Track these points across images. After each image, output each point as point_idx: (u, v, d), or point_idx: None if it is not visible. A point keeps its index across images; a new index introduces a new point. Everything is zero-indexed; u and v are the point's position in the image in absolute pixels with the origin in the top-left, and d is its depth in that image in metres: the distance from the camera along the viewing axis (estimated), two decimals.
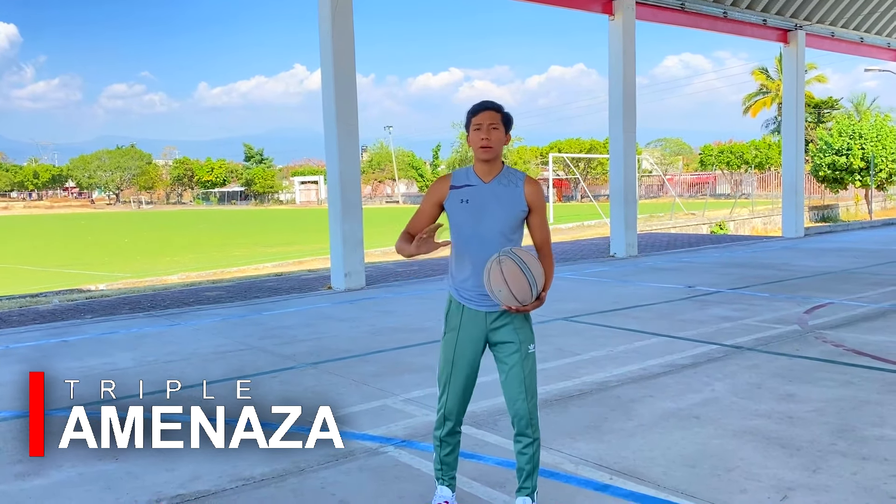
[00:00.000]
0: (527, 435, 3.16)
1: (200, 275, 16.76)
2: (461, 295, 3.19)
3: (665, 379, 5.53)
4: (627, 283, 10.92)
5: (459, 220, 3.14)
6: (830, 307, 8.29)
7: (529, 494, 3.21)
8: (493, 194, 3.12)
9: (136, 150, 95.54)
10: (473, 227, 3.12)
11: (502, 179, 3.15)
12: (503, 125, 3.13)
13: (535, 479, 3.23)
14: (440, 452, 3.31)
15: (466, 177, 3.18)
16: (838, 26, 19.35)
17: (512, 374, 3.15)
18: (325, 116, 11.09)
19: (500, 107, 3.15)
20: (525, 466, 3.20)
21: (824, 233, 19.93)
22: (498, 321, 3.15)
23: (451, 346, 3.22)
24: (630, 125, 14.66)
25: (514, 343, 3.15)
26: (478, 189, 3.13)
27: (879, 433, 4.24)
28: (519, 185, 3.14)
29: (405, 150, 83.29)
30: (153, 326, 8.48)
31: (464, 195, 3.13)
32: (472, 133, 3.13)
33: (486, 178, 3.15)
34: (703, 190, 52.13)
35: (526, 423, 3.15)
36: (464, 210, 3.12)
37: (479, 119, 3.11)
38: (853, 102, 53.91)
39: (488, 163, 3.14)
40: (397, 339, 7.27)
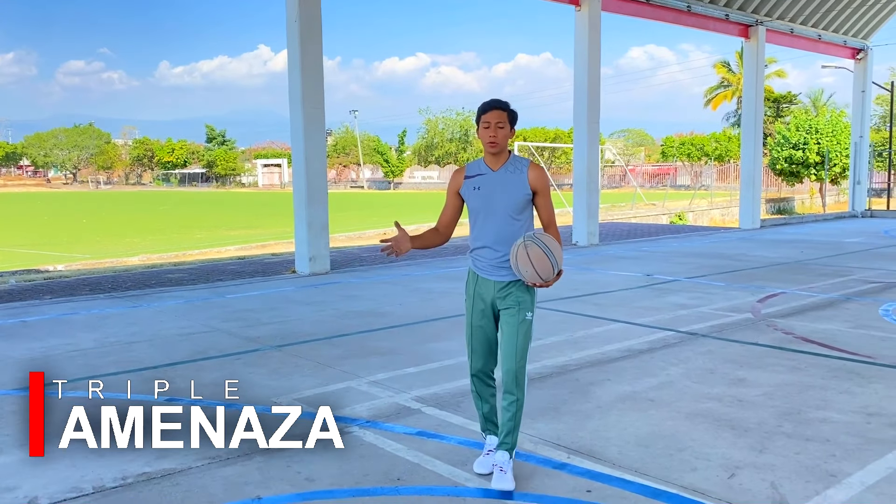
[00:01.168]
0: (512, 392, 3.50)
1: (162, 257, 16.58)
2: (476, 265, 3.65)
3: (622, 363, 5.71)
4: (588, 270, 11.12)
5: (474, 204, 3.60)
6: (783, 297, 8.57)
7: (508, 450, 3.54)
8: (500, 181, 3.56)
9: (94, 129, 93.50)
10: (485, 210, 3.56)
11: (509, 167, 3.58)
12: (509, 122, 3.55)
13: (514, 437, 3.54)
14: (481, 408, 3.72)
15: (478, 167, 3.62)
16: (797, 23, 19.79)
17: (507, 336, 3.53)
18: (290, 99, 11.04)
19: (506, 105, 3.56)
20: (507, 423, 3.53)
21: (779, 225, 20.45)
22: (504, 290, 3.56)
23: (469, 311, 3.67)
24: (594, 115, 14.85)
25: (514, 308, 3.54)
26: (487, 177, 3.58)
27: (823, 416, 4.45)
28: (523, 171, 3.57)
29: (370, 135, 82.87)
30: (115, 308, 8.42)
31: (476, 183, 3.59)
32: (481, 129, 3.55)
33: (494, 167, 3.59)
34: (664, 181, 52.92)
35: (512, 381, 3.49)
36: (477, 196, 3.58)
37: (488, 117, 3.52)
38: (811, 98, 55.07)
39: (495, 155, 3.57)
40: (363, 323, 7.34)
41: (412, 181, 75.46)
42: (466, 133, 73.88)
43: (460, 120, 74.63)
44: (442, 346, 6.25)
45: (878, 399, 4.76)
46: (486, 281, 3.59)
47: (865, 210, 23.06)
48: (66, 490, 3.54)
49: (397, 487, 3.53)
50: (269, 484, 3.58)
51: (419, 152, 77.59)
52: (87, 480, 3.64)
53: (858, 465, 3.72)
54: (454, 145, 74.03)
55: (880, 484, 3.50)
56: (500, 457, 3.53)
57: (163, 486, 3.57)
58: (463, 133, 74.06)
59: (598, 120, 15.02)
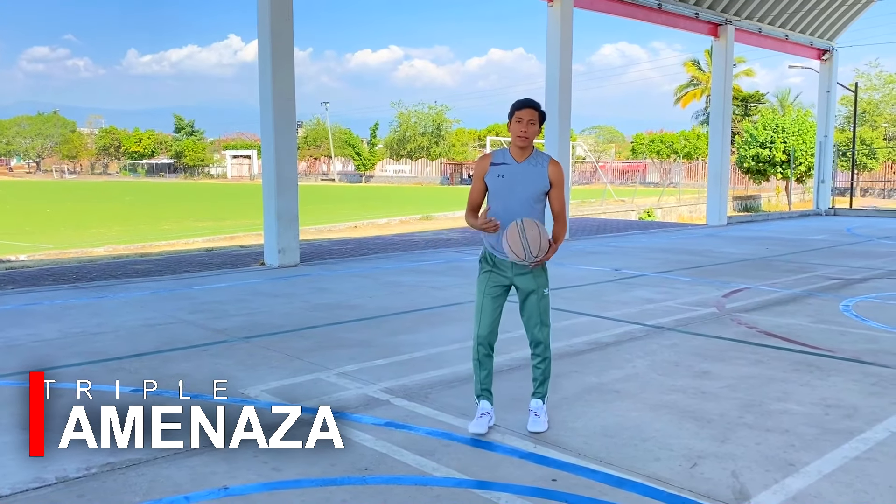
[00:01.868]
0: (542, 354, 4.13)
1: (128, 247, 16.34)
2: (494, 248, 4.06)
3: (589, 356, 5.77)
4: (558, 265, 11.19)
5: (495, 190, 3.98)
6: (747, 292, 8.72)
7: (542, 397, 4.17)
8: (523, 172, 3.97)
9: (58, 117, 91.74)
10: (506, 197, 3.96)
11: (532, 161, 4.00)
12: (539, 121, 3.95)
13: (546, 386, 4.18)
14: (480, 374, 4.12)
15: (503, 157, 4.01)
16: (765, 23, 20.09)
17: (532, 311, 4.08)
18: (261, 89, 10.95)
19: (538, 105, 3.97)
20: (539, 377, 4.16)
21: (745, 222, 20.78)
22: (522, 269, 4.04)
23: (485, 282, 4.09)
24: (565, 111, 14.94)
25: (532, 288, 4.07)
26: (512, 167, 3.98)
27: (783, 407, 4.55)
28: (544, 165, 4.00)
29: (342, 128, 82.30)
30: (79, 298, 8.29)
31: (501, 171, 3.97)
32: (513, 123, 3.94)
33: (519, 159, 3.99)
34: (634, 178, 53.39)
35: (543, 346, 4.12)
36: (500, 182, 3.96)
37: (521, 114, 3.92)
38: (778, 97, 55.96)
39: (522, 149, 3.98)
40: (332, 316, 7.32)
41: (384, 174, 75.23)
42: (439, 127, 73.82)
43: (433, 114, 74.53)
44: (411, 339, 6.27)
45: (836, 391, 4.88)
46: (503, 261, 4.04)
47: (829, 208, 23.52)
48: (29, 480, 3.50)
49: (364, 477, 3.54)
50: (236, 473, 3.56)
51: (391, 146, 77.34)
52: (50, 471, 3.59)
53: (816, 454, 3.81)
54: (426, 139, 73.92)
55: (836, 473, 3.59)
56: (535, 404, 4.15)
57: (128, 476, 3.54)
58: (435, 127, 73.98)
59: (570, 116, 15.13)
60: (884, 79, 48.14)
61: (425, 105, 75.20)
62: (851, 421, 4.31)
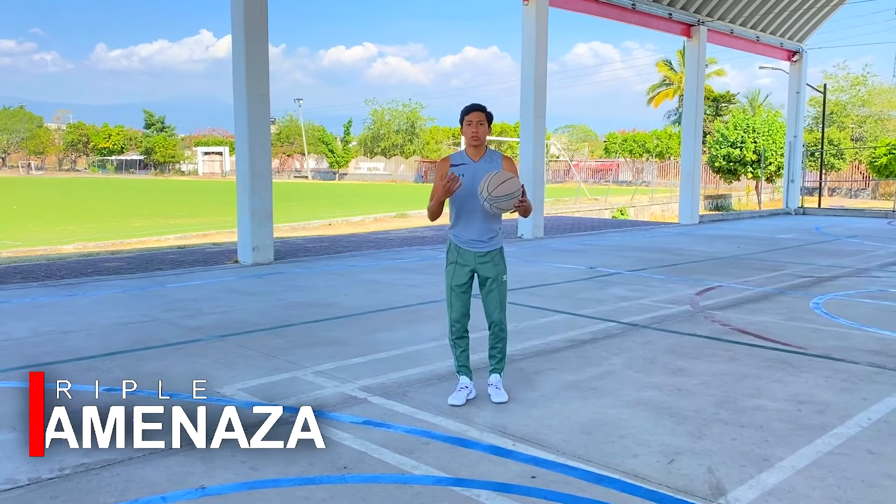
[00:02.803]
0: (500, 334, 4.57)
1: (98, 245, 16.09)
2: (458, 239, 4.53)
3: (566, 353, 5.80)
4: (533, 263, 11.25)
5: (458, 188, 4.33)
6: (720, 290, 8.83)
7: (500, 371, 4.62)
8: (480, 170, 4.41)
9: (25, 112, 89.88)
10: (467, 192, 4.37)
11: (486, 158, 4.50)
12: (487, 121, 4.43)
13: (503, 362, 4.64)
14: (456, 352, 4.59)
15: (462, 158, 4.50)
16: (737, 24, 20.35)
17: (491, 296, 4.53)
18: (234, 85, 10.84)
19: (484, 108, 4.45)
20: (497, 355, 4.61)
21: (717, 220, 21.04)
22: (483, 258, 4.51)
23: (452, 272, 4.54)
24: (540, 110, 15.00)
25: (492, 276, 4.52)
26: (471, 166, 4.45)
27: (757, 403, 4.61)
28: (498, 161, 4.49)
29: (315, 125, 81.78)
30: (49, 297, 8.15)
31: (461, 171, 4.40)
32: (465, 127, 4.44)
33: (475, 159, 4.49)
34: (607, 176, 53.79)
35: (499, 326, 4.56)
36: (462, 181, 4.31)
37: (470, 117, 4.41)
38: (748, 98, 56.68)
39: (476, 148, 4.48)
40: (308, 314, 7.28)
41: (358, 172, 74.91)
42: (413, 125, 73.65)
43: (407, 111, 74.34)
44: (389, 337, 6.25)
45: (808, 387, 4.96)
46: (468, 252, 4.50)
47: (798, 207, 23.90)
48: (0, 482, 3.43)
49: (343, 476, 3.52)
50: (214, 473, 3.53)
51: (365, 143, 76.99)
52: (22, 472, 3.53)
53: (790, 449, 3.87)
54: (401, 137, 73.74)
55: (810, 468, 3.65)
56: (495, 378, 4.59)
57: (102, 477, 3.49)
58: (409, 125, 73.81)
59: (545, 114, 15.18)
60: (851, 80, 49.02)
61: (399, 103, 75.00)
62: (823, 416, 4.39)
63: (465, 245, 4.50)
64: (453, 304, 4.54)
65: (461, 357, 4.58)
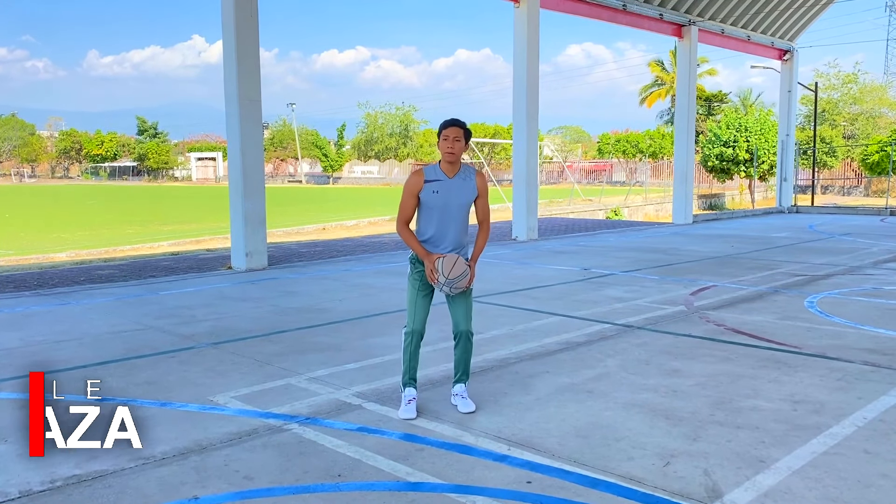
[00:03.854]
0: (466, 343, 4.49)
1: (91, 252, 16.02)
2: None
3: (561, 356, 5.79)
4: (527, 265, 11.24)
5: (431, 203, 4.38)
6: (714, 289, 8.83)
7: (465, 381, 4.56)
8: (455, 187, 4.40)
9: (16, 120, 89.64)
10: (441, 209, 4.38)
11: (461, 175, 4.44)
12: (464, 137, 4.37)
13: (468, 372, 4.57)
14: (412, 363, 4.49)
15: (435, 173, 4.41)
16: (728, 24, 20.40)
17: (459, 305, 4.47)
18: (226, 90, 10.81)
19: (462, 123, 4.40)
20: (462, 366, 4.53)
21: (711, 220, 21.07)
22: None
23: (417, 281, 4.45)
24: (533, 112, 15.00)
25: None
26: (444, 183, 4.40)
27: (753, 404, 4.60)
28: (472, 178, 4.45)
29: (309, 129, 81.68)
30: (41, 305, 8.10)
31: (435, 187, 4.38)
32: (441, 141, 4.37)
33: (450, 174, 4.41)
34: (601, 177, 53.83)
35: (466, 336, 4.47)
36: (435, 197, 4.37)
37: (447, 132, 4.34)
38: (740, 97, 56.85)
39: (452, 164, 4.39)
40: (302, 320, 7.25)
41: (352, 176, 74.87)
42: (406, 128, 73.64)
43: (400, 115, 74.33)
44: (383, 342, 6.22)
45: (803, 387, 4.95)
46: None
47: (791, 206, 23.95)
48: None
49: (338, 484, 3.50)
50: (207, 483, 3.50)
51: (359, 147, 76.94)
52: (13, 484, 3.50)
53: (786, 450, 3.86)
54: (394, 140, 73.72)
55: (806, 468, 3.64)
56: (460, 388, 4.53)
57: (94, 489, 3.45)
58: (403, 128, 73.80)
59: (538, 116, 15.18)
60: (842, 78, 49.20)
61: (392, 106, 74.97)
62: (819, 416, 4.38)
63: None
64: (417, 311, 4.44)
65: (413, 369, 4.49)
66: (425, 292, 4.44)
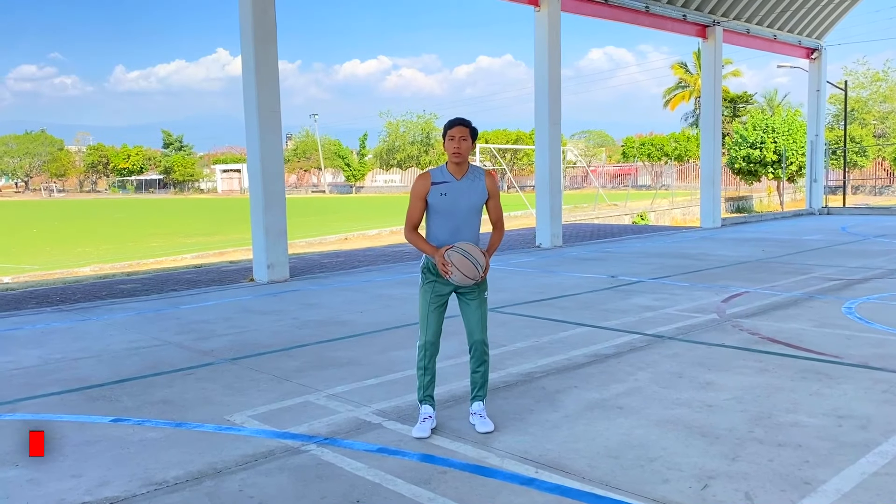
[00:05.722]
0: (482, 356, 4.28)
1: (115, 266, 16.08)
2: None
3: (589, 369, 5.57)
4: (552, 273, 11.01)
5: (439, 206, 4.20)
6: (746, 296, 8.54)
7: (482, 399, 4.32)
8: (464, 188, 4.22)
9: (46, 136, 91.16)
10: (449, 211, 4.20)
11: (469, 176, 4.25)
12: (470, 136, 4.20)
13: (485, 388, 4.35)
14: (425, 379, 4.28)
15: (442, 175, 4.23)
16: (753, 23, 20.02)
17: (473, 313, 4.27)
18: (245, 103, 10.74)
19: (468, 122, 4.23)
20: (479, 381, 4.31)
21: (740, 223, 20.65)
22: None
23: (429, 292, 4.27)
24: (555, 116, 14.78)
25: (474, 292, 4.28)
26: (452, 185, 4.21)
27: (793, 419, 4.35)
28: (481, 179, 4.27)
29: (331, 139, 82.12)
30: (62, 322, 8.05)
31: (443, 189, 4.20)
32: (447, 142, 4.18)
33: (458, 176, 4.23)
34: (625, 181, 53.38)
35: (481, 347, 4.27)
36: (443, 200, 4.19)
37: (453, 132, 4.17)
38: (765, 98, 56.09)
39: (458, 165, 4.22)
40: (322, 333, 7.10)
41: (374, 185, 75.02)
42: (428, 136, 73.68)
43: (421, 123, 74.43)
44: (404, 355, 6.05)
45: (847, 401, 4.69)
46: None
47: (822, 207, 23.44)
48: None
49: None
50: None
51: (381, 156, 77.16)
52: None
53: (833, 471, 3.61)
54: (416, 148, 73.79)
55: (856, 491, 3.39)
56: (477, 406, 4.29)
57: None
58: (424, 136, 73.84)
59: (560, 121, 14.96)
60: (871, 76, 48.31)
61: (414, 114, 75.30)
62: (866, 432, 4.12)
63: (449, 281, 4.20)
64: (430, 323, 4.24)
65: (429, 385, 4.29)
66: (438, 303, 4.26)
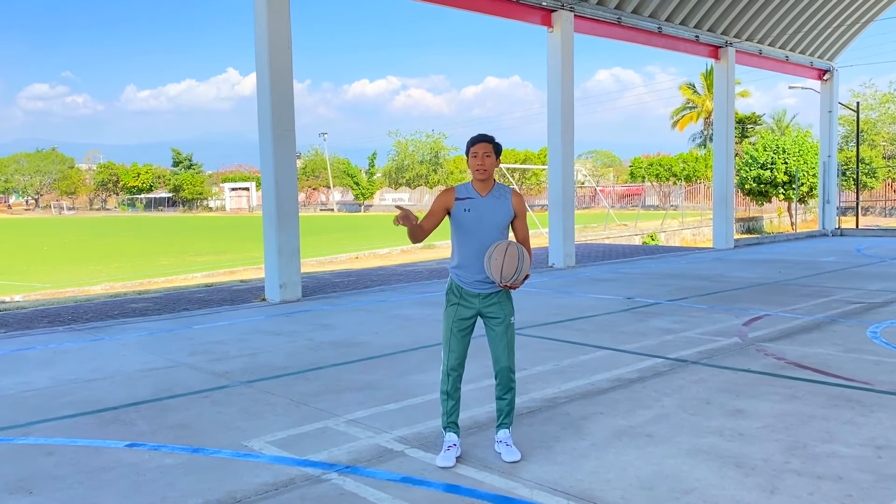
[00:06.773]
0: (508, 383, 4.15)
1: (126, 285, 16.02)
2: (461, 280, 4.15)
3: (614, 394, 5.43)
4: (567, 294, 10.88)
5: (463, 224, 4.09)
6: (767, 319, 8.40)
7: (508, 426, 4.20)
8: (489, 206, 4.09)
9: (57, 154, 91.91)
10: (474, 230, 4.07)
11: (495, 193, 4.13)
12: (494, 153, 4.09)
13: (512, 416, 4.22)
14: (448, 406, 4.15)
15: (467, 191, 4.13)
16: (766, 44, 19.99)
17: (499, 339, 4.13)
18: (260, 122, 10.71)
19: (492, 138, 4.12)
20: (505, 408, 4.18)
21: (753, 244, 20.48)
22: (488, 299, 4.13)
23: (453, 315, 4.15)
24: (568, 136, 14.73)
25: (500, 317, 4.14)
26: (477, 202, 4.09)
27: (830, 450, 4.21)
28: (507, 197, 4.14)
29: (340, 158, 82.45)
30: (74, 342, 7.96)
31: (467, 206, 4.08)
32: (470, 159, 4.09)
33: (482, 193, 4.11)
34: (634, 201, 53.25)
35: (507, 374, 4.14)
36: (467, 217, 4.08)
37: (476, 149, 4.07)
38: (774, 119, 56.04)
39: (483, 182, 4.11)
40: (338, 355, 6.99)
41: (383, 203, 75.09)
42: (436, 155, 73.85)
43: (430, 142, 74.61)
44: (423, 379, 5.93)
45: (883, 430, 4.54)
46: (471, 293, 4.13)
47: (836, 228, 23.25)
48: None
49: None
50: None
51: (389, 174, 77.31)
52: None
53: None
54: (424, 167, 73.92)
55: None
56: (503, 434, 4.16)
57: None
58: (433, 155, 74.03)
59: (573, 141, 14.90)
60: (880, 98, 48.24)
61: (422, 133, 75.39)
62: None
63: (468, 286, 4.12)
64: (452, 348, 4.12)
65: (453, 412, 4.15)
66: (460, 327, 4.12)
